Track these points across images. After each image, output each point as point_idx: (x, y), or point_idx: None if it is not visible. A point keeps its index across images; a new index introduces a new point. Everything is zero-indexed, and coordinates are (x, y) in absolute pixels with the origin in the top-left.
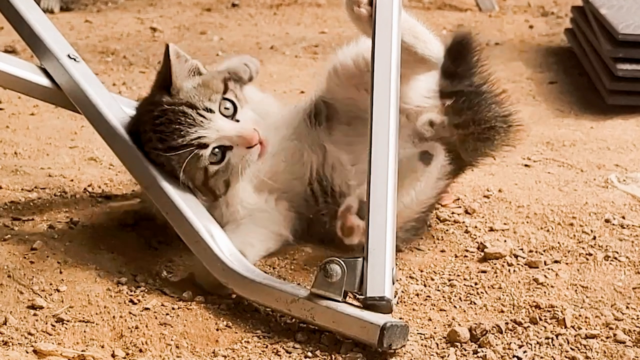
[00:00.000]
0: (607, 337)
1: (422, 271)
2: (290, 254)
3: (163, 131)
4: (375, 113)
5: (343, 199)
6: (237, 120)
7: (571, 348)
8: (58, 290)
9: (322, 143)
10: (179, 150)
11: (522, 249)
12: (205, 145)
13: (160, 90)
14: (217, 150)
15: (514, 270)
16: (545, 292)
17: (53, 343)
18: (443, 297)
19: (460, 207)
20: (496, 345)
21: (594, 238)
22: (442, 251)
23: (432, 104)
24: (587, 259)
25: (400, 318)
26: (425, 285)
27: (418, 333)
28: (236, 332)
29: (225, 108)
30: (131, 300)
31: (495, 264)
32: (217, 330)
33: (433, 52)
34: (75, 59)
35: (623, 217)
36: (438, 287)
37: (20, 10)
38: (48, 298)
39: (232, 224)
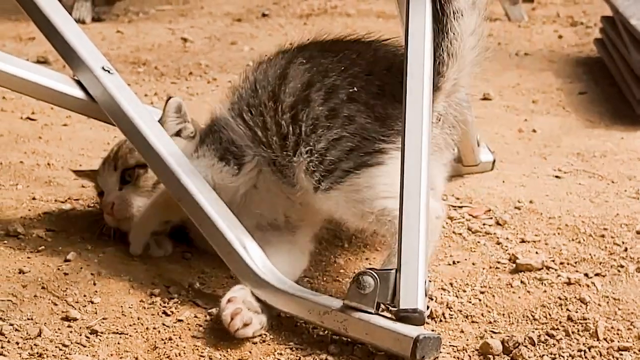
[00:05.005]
0: (639, 350)
1: (454, 283)
2: (322, 265)
3: None
4: (407, 123)
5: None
6: (121, 189)
7: None
8: (92, 302)
9: None
10: None
11: (553, 261)
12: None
13: None
14: None
15: (546, 282)
16: (577, 304)
17: (87, 355)
18: (475, 309)
19: (491, 218)
20: (528, 357)
21: (626, 250)
22: (474, 263)
23: None
24: (619, 271)
25: (433, 330)
26: (457, 297)
27: (450, 345)
28: (269, 344)
29: (127, 176)
30: (164, 312)
31: (527, 276)
32: (250, 342)
33: None
34: (109, 71)
35: None
36: (470, 299)
37: (54, 22)
38: (82, 309)
39: None
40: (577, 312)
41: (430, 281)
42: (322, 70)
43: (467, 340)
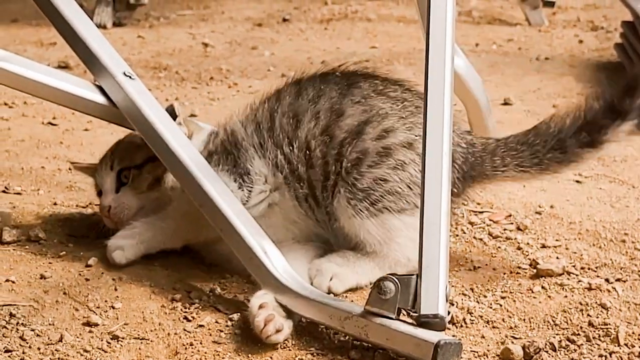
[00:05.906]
0: None
1: (474, 288)
2: None
3: None
4: (429, 126)
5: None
6: (117, 191)
7: None
8: (113, 307)
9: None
10: None
11: (574, 266)
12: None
13: None
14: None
15: (567, 288)
16: (598, 310)
17: None
18: (496, 314)
19: (512, 223)
20: None
21: None
22: (495, 268)
23: None
24: None
25: (454, 335)
26: (478, 303)
27: (471, 351)
28: (290, 350)
29: (123, 177)
30: (185, 317)
31: (547, 281)
32: (271, 347)
33: None
34: (130, 77)
35: None
36: (491, 304)
37: (76, 27)
38: (103, 315)
39: None
40: (598, 317)
41: (451, 286)
42: (382, 113)
43: (488, 345)
